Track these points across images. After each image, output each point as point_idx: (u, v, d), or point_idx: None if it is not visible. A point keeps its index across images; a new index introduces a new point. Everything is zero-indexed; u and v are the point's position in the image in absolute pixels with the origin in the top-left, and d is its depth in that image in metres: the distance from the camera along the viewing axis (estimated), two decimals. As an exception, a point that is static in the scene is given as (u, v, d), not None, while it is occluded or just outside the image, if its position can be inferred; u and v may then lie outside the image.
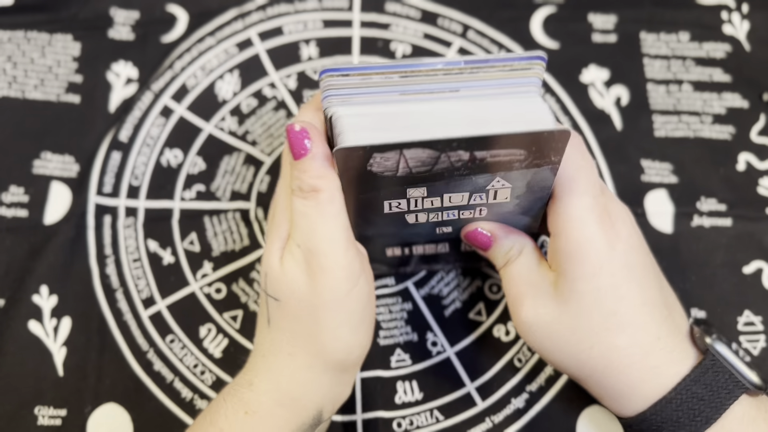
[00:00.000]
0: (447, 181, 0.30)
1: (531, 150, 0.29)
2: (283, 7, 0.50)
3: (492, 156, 0.29)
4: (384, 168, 0.29)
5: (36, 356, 0.41)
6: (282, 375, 0.32)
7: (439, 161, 0.29)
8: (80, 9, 0.50)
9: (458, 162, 0.29)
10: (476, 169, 0.30)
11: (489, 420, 0.40)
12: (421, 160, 0.28)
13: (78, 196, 0.45)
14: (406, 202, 0.32)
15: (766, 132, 0.47)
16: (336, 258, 0.30)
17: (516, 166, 0.30)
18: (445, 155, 0.28)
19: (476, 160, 0.29)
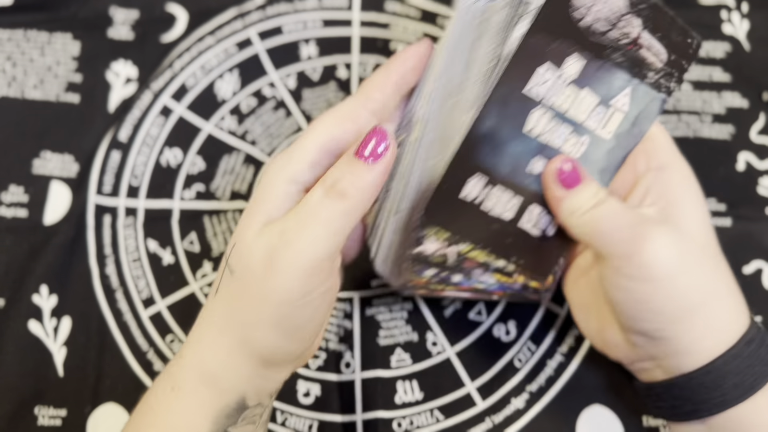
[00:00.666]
0: (601, 64, 0.33)
1: (670, 59, 0.34)
2: (282, 6, 0.50)
3: (648, 47, 0.33)
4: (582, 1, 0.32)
5: (36, 356, 0.41)
6: (208, 349, 0.30)
7: (618, 26, 0.33)
8: (80, 8, 0.50)
9: (624, 38, 0.33)
10: (627, 60, 0.33)
11: (489, 420, 0.40)
12: (613, 11, 0.32)
13: (78, 196, 0.45)
14: (554, 79, 0.33)
15: (765, 131, 0.47)
16: (306, 264, 0.28)
17: (649, 77, 0.34)
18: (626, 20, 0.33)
19: (636, 45, 0.33)
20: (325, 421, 0.40)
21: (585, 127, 0.34)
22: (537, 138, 0.33)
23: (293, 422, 0.40)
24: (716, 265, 0.33)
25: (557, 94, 0.33)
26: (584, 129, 0.34)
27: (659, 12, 0.34)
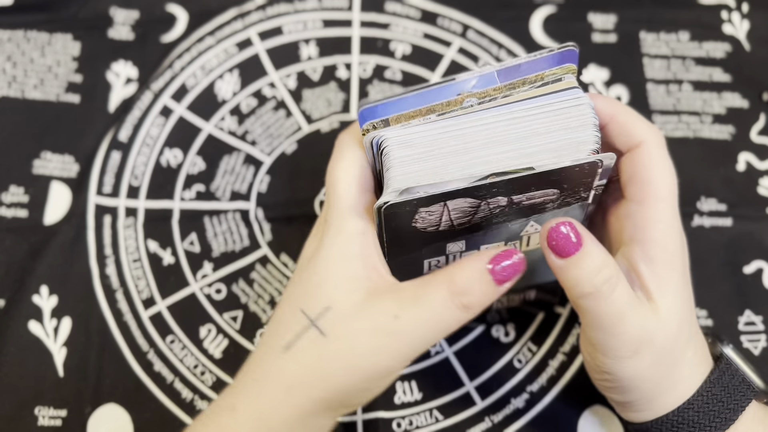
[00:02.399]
0: (485, 231, 0.30)
1: (563, 188, 0.29)
2: (282, 6, 0.50)
3: (528, 198, 0.29)
4: (427, 223, 0.29)
5: (36, 357, 0.41)
6: (271, 408, 0.29)
7: (479, 210, 0.29)
8: (80, 8, 0.50)
9: (497, 209, 0.29)
10: (512, 215, 0.30)
11: (488, 419, 0.40)
12: (463, 211, 0.29)
13: (78, 196, 0.45)
14: (444, 259, 0.32)
15: (766, 132, 0.47)
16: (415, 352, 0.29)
17: (549, 207, 0.30)
18: (485, 203, 0.28)
19: (513, 205, 0.29)
20: (325, 421, 0.40)
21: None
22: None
23: (293, 422, 0.40)
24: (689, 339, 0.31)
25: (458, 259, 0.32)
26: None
27: (519, 180, 0.28)
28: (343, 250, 0.29)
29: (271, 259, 0.44)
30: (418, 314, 0.28)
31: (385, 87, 0.48)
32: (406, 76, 0.48)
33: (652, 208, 0.30)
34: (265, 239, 0.44)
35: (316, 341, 0.29)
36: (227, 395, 0.30)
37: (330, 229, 0.30)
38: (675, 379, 0.31)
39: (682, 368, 0.31)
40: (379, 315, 0.28)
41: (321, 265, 0.30)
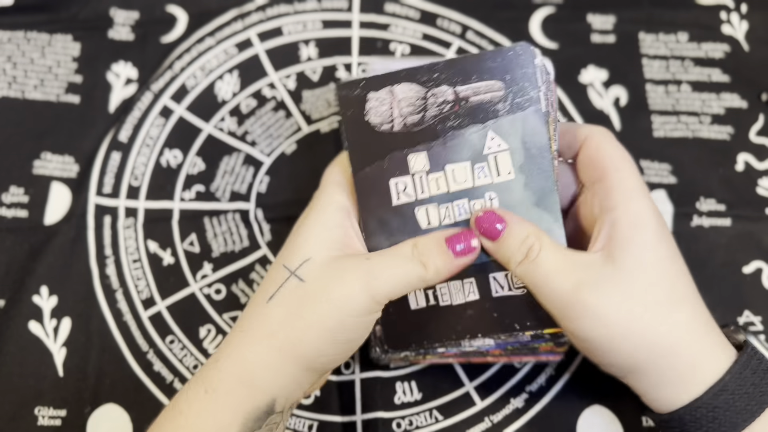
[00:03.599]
0: (443, 139, 0.32)
1: (506, 80, 0.32)
2: (282, 7, 0.50)
3: (474, 92, 0.32)
4: (380, 116, 0.32)
5: (36, 357, 0.41)
6: (251, 351, 0.31)
7: (428, 105, 0.32)
8: (80, 9, 0.50)
9: (445, 106, 0.32)
10: (465, 117, 0.32)
11: (488, 419, 0.40)
12: (411, 102, 0.32)
13: (78, 197, 0.45)
14: (410, 181, 0.33)
15: (764, 132, 0.47)
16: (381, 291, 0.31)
17: (501, 110, 0.32)
18: (431, 94, 0.32)
19: (461, 101, 0.32)
20: (324, 421, 0.40)
21: (479, 188, 0.33)
22: (442, 225, 0.33)
23: (293, 422, 0.40)
24: (673, 311, 0.31)
25: (426, 187, 0.33)
26: (480, 189, 0.33)
27: (457, 63, 0.32)
28: (326, 218, 0.33)
29: (271, 259, 0.44)
30: (385, 258, 0.32)
31: (384, 87, 0.48)
32: (405, 77, 0.48)
33: (609, 179, 0.32)
34: (264, 240, 0.44)
35: (296, 287, 0.32)
36: (215, 353, 0.33)
37: (318, 202, 0.34)
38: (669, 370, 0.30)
39: (675, 360, 0.30)
40: (352, 259, 0.32)
41: (305, 229, 0.33)
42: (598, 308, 0.30)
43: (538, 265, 0.31)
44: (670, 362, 0.30)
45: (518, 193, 0.33)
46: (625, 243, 0.31)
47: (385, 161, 0.33)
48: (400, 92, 0.32)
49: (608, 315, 0.30)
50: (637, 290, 0.30)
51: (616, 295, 0.30)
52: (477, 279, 0.34)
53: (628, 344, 0.30)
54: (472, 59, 0.32)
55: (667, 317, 0.30)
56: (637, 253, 0.30)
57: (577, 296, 0.30)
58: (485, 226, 0.32)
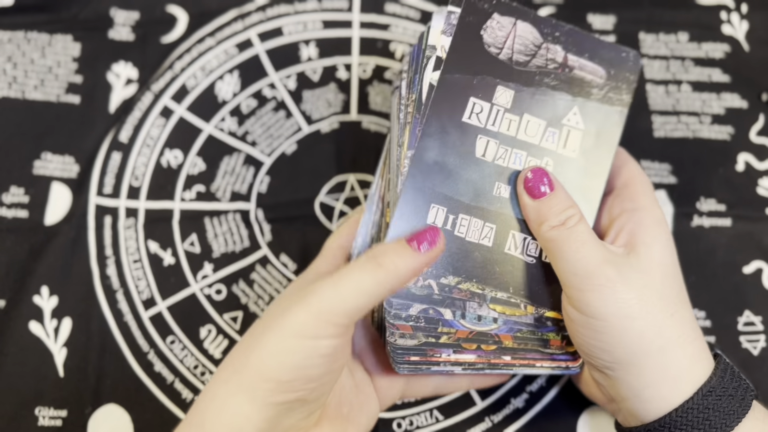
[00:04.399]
0: (534, 90, 0.34)
1: (610, 73, 0.35)
2: (282, 7, 0.50)
3: (580, 67, 0.34)
4: (494, 38, 0.34)
5: (36, 357, 0.41)
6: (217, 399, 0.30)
7: (538, 54, 0.34)
8: (80, 10, 0.50)
9: (551, 63, 0.34)
10: (562, 83, 0.34)
11: (488, 419, 0.40)
12: (526, 44, 0.34)
13: (78, 197, 0.45)
14: (488, 108, 0.34)
15: (765, 132, 0.47)
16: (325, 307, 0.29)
17: (594, 94, 0.35)
18: (546, 47, 0.34)
19: (566, 67, 0.34)
20: (325, 421, 0.40)
21: (542, 149, 0.34)
22: (494, 162, 0.33)
23: (293, 423, 0.40)
24: (675, 312, 0.32)
25: (498, 122, 0.34)
26: (542, 150, 0.34)
27: (578, 35, 0.35)
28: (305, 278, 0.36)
29: (271, 259, 0.44)
30: (335, 275, 0.30)
31: (385, 88, 0.48)
32: (405, 77, 0.48)
33: (635, 185, 0.35)
34: (265, 240, 0.44)
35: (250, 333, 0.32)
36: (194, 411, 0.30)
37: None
38: (666, 367, 0.31)
39: (673, 356, 0.31)
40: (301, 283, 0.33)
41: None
42: (619, 284, 0.31)
43: (573, 232, 0.32)
44: (669, 357, 0.31)
45: (571, 173, 0.34)
46: (648, 240, 0.33)
47: (476, 78, 0.34)
48: (521, 29, 0.34)
49: (626, 293, 0.31)
50: (654, 282, 0.32)
51: (636, 280, 0.31)
52: (497, 228, 0.34)
53: (636, 326, 0.30)
54: (592, 40, 0.35)
55: (675, 312, 0.32)
56: (658, 251, 0.32)
57: (602, 267, 0.31)
58: (534, 181, 0.33)
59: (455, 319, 0.33)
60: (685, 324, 0.32)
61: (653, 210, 0.34)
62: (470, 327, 0.33)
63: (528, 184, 0.33)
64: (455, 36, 0.34)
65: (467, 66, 0.34)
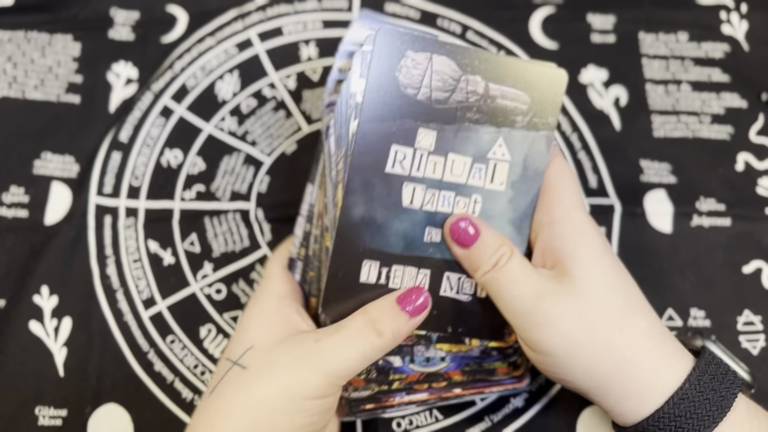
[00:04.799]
0: (457, 127, 0.32)
1: (534, 98, 0.33)
2: (282, 7, 0.50)
3: (502, 95, 0.32)
4: (410, 79, 0.32)
5: (36, 356, 0.41)
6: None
7: (458, 88, 0.32)
8: (80, 9, 0.50)
9: (473, 96, 0.32)
10: (485, 115, 0.32)
11: (488, 419, 0.40)
12: (444, 79, 0.32)
13: (78, 197, 0.45)
14: (411, 156, 0.32)
15: (764, 132, 0.47)
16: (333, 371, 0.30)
17: (519, 122, 0.32)
18: (465, 79, 0.32)
19: (488, 98, 0.32)
20: (325, 420, 0.40)
21: (470, 186, 0.33)
22: (422, 209, 0.33)
23: (293, 422, 0.40)
24: (625, 326, 0.31)
25: (423, 166, 0.33)
26: (469, 189, 0.33)
27: (498, 61, 0.33)
28: (264, 306, 0.34)
29: (271, 259, 0.44)
30: (337, 337, 0.31)
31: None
32: (405, 77, 0.48)
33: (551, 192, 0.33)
34: (265, 239, 0.44)
35: (238, 375, 0.31)
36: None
37: (255, 294, 0.36)
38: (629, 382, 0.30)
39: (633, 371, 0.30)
40: (300, 341, 0.32)
41: (245, 320, 0.34)
42: (557, 318, 0.30)
43: (505, 272, 0.31)
44: (629, 374, 0.30)
45: (501, 206, 0.34)
46: (573, 255, 0.31)
47: (395, 125, 0.32)
48: (437, 63, 0.32)
49: (566, 324, 0.30)
50: (593, 301, 0.31)
51: (573, 306, 0.30)
52: (432, 273, 0.34)
53: (585, 354, 0.30)
54: (515, 64, 0.33)
55: (623, 326, 0.31)
56: (587, 265, 0.31)
57: (537, 304, 0.31)
58: (460, 232, 0.33)
59: (405, 365, 0.35)
60: (639, 335, 0.31)
61: (571, 217, 0.32)
62: (420, 370, 0.35)
63: (454, 236, 0.33)
64: (369, 81, 0.32)
65: (385, 112, 0.32)
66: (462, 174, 0.33)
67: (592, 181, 0.46)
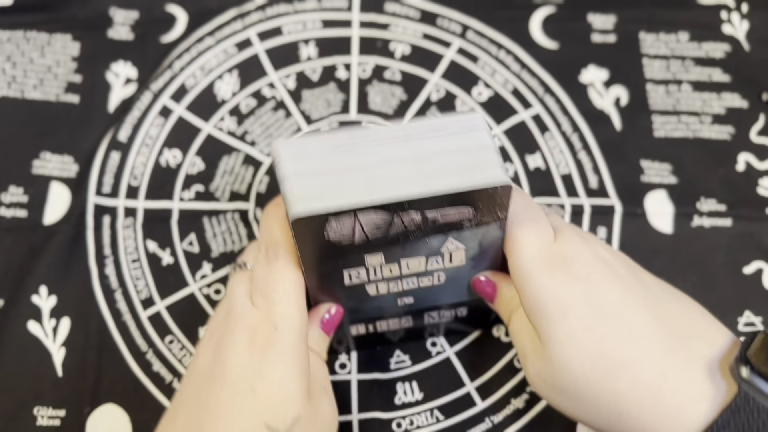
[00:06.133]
0: (403, 245, 0.30)
1: (478, 207, 0.29)
2: (282, 7, 0.50)
3: (443, 216, 0.29)
4: (341, 236, 0.28)
5: (35, 356, 0.41)
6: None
7: (393, 224, 0.29)
8: (80, 9, 0.50)
9: (411, 224, 0.29)
10: (429, 231, 0.30)
11: (489, 420, 0.40)
12: (376, 224, 0.28)
13: (77, 197, 0.45)
14: (365, 271, 0.32)
15: (765, 132, 0.47)
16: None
17: (466, 225, 0.30)
18: (398, 217, 0.28)
19: (428, 222, 0.29)
20: (324, 421, 0.40)
21: (430, 271, 0.33)
22: (390, 293, 0.34)
23: (292, 423, 0.40)
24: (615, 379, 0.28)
25: (379, 272, 0.32)
26: (430, 271, 0.33)
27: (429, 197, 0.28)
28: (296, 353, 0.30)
29: (271, 259, 0.44)
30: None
31: (384, 87, 0.48)
32: (405, 77, 0.48)
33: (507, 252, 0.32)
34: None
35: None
36: None
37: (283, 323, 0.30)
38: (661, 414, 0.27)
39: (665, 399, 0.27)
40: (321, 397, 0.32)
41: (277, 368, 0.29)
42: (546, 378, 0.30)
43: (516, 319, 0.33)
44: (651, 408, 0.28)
45: (466, 271, 0.34)
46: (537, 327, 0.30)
47: (340, 261, 0.31)
48: (364, 219, 0.28)
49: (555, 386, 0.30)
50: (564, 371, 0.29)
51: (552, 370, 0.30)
52: (413, 316, 0.38)
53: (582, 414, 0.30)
54: (447, 198, 0.28)
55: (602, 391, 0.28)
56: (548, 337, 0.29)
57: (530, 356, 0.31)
58: (482, 289, 0.35)
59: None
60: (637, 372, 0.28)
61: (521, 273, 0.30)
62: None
63: (479, 293, 0.35)
64: (300, 247, 0.29)
65: (326, 258, 0.30)
66: (420, 267, 0.33)
67: (592, 181, 0.45)
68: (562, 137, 0.47)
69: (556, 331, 0.29)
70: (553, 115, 0.47)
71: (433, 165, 0.28)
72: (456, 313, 0.38)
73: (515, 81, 0.48)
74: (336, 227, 0.28)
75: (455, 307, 0.38)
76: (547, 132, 0.47)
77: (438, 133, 0.29)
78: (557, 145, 0.46)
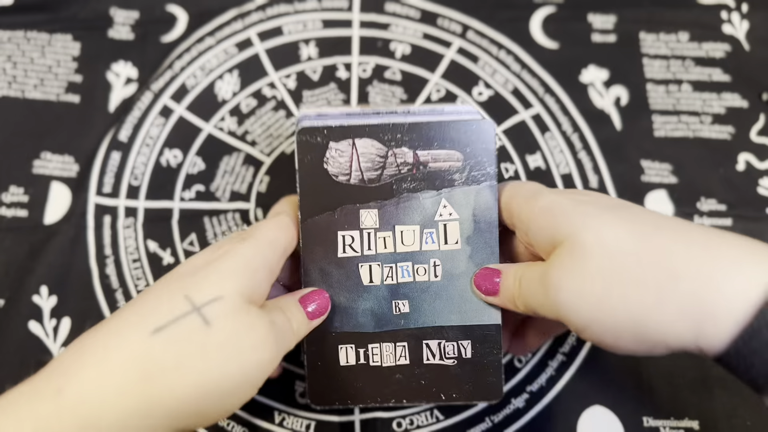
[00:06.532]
0: (397, 200, 0.33)
1: (466, 152, 0.33)
2: (282, 7, 0.50)
3: (433, 158, 0.33)
4: (338, 167, 0.33)
5: (36, 356, 0.41)
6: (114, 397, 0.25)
7: (387, 163, 0.33)
8: (80, 9, 0.50)
9: (404, 166, 0.33)
10: (421, 182, 0.33)
11: (488, 420, 0.40)
12: (372, 159, 0.32)
13: (78, 196, 0.45)
14: (359, 235, 0.34)
15: (765, 132, 0.47)
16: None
17: (457, 180, 0.33)
18: (392, 153, 0.32)
19: (420, 165, 0.33)
20: (322, 420, 0.40)
21: (425, 252, 0.34)
22: (384, 284, 0.34)
23: (291, 422, 0.40)
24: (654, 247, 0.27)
25: (373, 244, 0.34)
26: (426, 254, 0.34)
27: (420, 127, 0.33)
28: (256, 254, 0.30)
29: (271, 259, 0.44)
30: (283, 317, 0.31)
31: (385, 87, 0.48)
32: (405, 77, 0.48)
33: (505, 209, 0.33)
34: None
35: (197, 329, 0.27)
36: (54, 372, 0.26)
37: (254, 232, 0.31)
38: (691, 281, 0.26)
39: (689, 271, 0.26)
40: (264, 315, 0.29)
41: (228, 259, 0.29)
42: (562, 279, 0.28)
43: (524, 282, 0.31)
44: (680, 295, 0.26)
45: (462, 264, 0.34)
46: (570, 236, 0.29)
47: (336, 212, 0.34)
48: (361, 147, 0.33)
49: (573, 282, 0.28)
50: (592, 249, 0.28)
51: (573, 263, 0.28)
52: (409, 344, 0.35)
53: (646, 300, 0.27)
54: (436, 126, 0.33)
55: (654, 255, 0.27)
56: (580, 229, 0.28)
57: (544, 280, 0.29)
58: (484, 283, 0.33)
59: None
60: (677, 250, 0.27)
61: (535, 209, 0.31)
62: None
63: (481, 288, 0.33)
64: (300, 179, 0.33)
65: (323, 204, 0.34)
66: (414, 242, 0.34)
67: (593, 181, 0.45)
68: (563, 137, 0.47)
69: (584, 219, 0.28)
70: (553, 115, 0.47)
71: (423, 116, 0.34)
72: (459, 349, 0.35)
73: (515, 81, 0.48)
74: (335, 155, 0.33)
75: (457, 339, 0.35)
76: (548, 132, 0.47)
77: (436, 112, 0.34)
78: (557, 144, 0.46)
